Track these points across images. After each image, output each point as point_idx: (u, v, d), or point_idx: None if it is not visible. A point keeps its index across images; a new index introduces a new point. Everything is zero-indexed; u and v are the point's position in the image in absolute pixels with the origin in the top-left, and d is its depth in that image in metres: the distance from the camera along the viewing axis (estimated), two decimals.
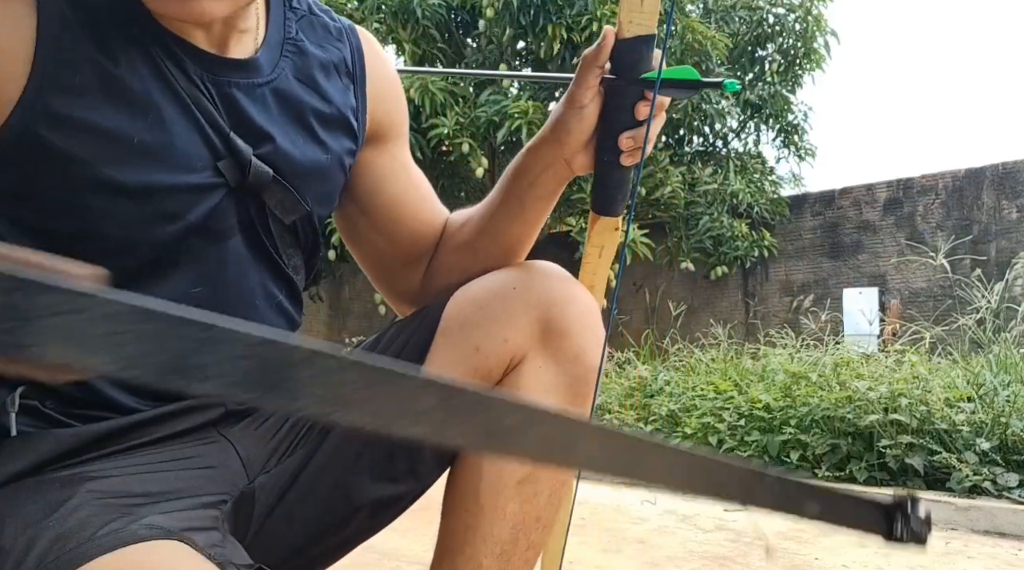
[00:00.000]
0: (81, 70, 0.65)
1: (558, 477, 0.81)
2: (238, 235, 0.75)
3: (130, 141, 0.67)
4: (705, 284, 7.47)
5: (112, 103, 0.66)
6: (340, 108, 0.82)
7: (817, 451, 3.13)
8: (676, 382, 4.37)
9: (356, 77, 0.85)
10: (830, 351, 4.10)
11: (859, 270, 6.89)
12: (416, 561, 2.17)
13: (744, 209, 7.06)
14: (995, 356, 3.57)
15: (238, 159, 0.72)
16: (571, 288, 0.82)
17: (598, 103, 0.81)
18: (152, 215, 0.69)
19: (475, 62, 6.95)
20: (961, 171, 6.51)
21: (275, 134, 0.75)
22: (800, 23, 7.50)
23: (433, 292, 0.91)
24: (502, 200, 0.87)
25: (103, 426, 0.70)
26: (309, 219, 0.80)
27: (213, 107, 0.71)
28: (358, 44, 0.86)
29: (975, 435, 2.87)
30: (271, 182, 0.75)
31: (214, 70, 0.72)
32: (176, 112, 0.69)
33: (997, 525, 2.55)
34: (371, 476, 0.79)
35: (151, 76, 0.69)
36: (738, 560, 2.25)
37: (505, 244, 0.88)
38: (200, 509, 0.68)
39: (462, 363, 0.79)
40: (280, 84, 0.77)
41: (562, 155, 0.83)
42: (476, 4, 6.68)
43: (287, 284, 0.81)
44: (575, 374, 0.80)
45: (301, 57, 0.79)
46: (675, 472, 0.38)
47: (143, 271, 0.70)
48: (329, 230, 6.45)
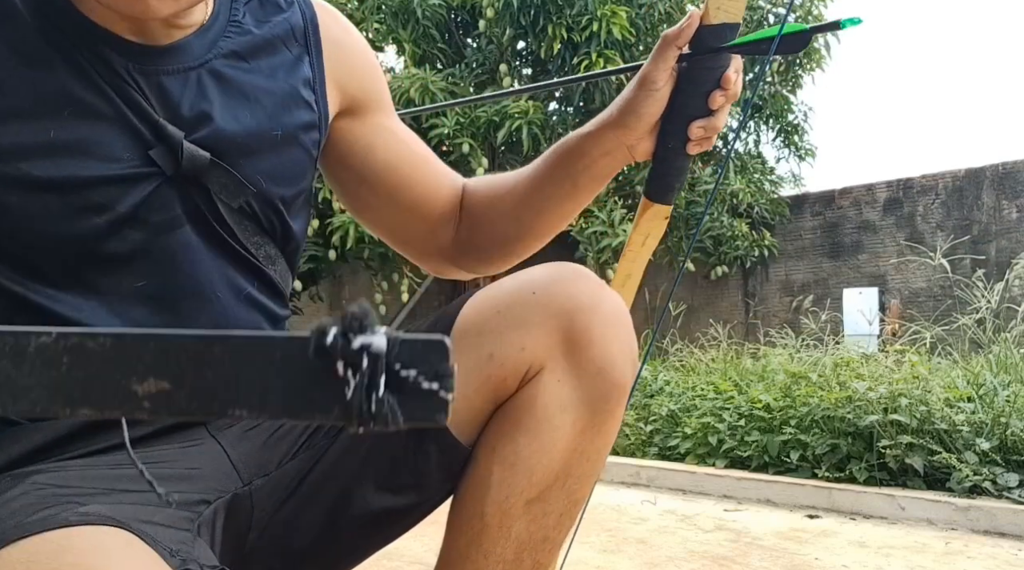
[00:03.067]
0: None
1: (571, 497, 0.76)
2: (186, 225, 0.72)
3: (46, 136, 0.66)
4: (705, 284, 7.47)
5: (27, 101, 0.66)
6: (289, 81, 0.80)
7: (817, 451, 3.13)
8: (676, 382, 4.37)
9: (310, 46, 0.83)
10: (830, 351, 4.10)
11: (859, 270, 6.89)
12: (416, 561, 2.17)
13: (744, 209, 7.06)
14: (995, 356, 3.57)
15: (169, 145, 0.70)
16: (598, 294, 0.74)
17: (670, 88, 0.80)
18: (75, 209, 0.68)
19: (475, 62, 6.94)
20: (961, 171, 6.51)
21: (214, 116, 0.73)
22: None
23: (474, 254, 0.94)
24: (551, 177, 0.87)
25: (80, 421, 0.69)
26: (266, 200, 0.77)
27: (141, 97, 0.70)
28: (312, 14, 0.84)
29: (975, 435, 2.87)
30: (210, 166, 0.72)
31: (141, 60, 0.71)
32: (97, 105, 0.69)
33: (997, 525, 2.55)
34: (375, 486, 0.76)
35: (69, 73, 0.68)
36: (738, 560, 2.25)
37: (550, 220, 0.89)
38: (166, 506, 0.65)
39: (475, 370, 0.74)
40: (216, 65, 0.75)
41: (626, 141, 0.82)
42: (476, 4, 6.67)
43: (257, 275, 0.78)
44: (597, 390, 0.73)
45: (243, 36, 0.77)
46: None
47: (80, 269, 0.69)
48: (329, 230, 6.45)
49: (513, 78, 6.88)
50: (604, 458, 0.78)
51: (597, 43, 6.10)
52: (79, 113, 0.68)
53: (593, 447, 0.75)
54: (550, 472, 0.74)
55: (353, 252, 6.47)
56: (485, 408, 0.75)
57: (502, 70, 6.71)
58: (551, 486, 0.74)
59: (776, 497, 3.07)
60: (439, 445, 0.75)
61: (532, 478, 0.74)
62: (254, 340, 0.29)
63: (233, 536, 0.73)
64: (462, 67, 6.96)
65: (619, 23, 6.06)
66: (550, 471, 0.74)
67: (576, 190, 0.87)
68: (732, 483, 3.22)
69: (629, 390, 0.76)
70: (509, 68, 6.79)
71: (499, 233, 0.92)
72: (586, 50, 6.18)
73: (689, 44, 0.79)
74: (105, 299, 0.70)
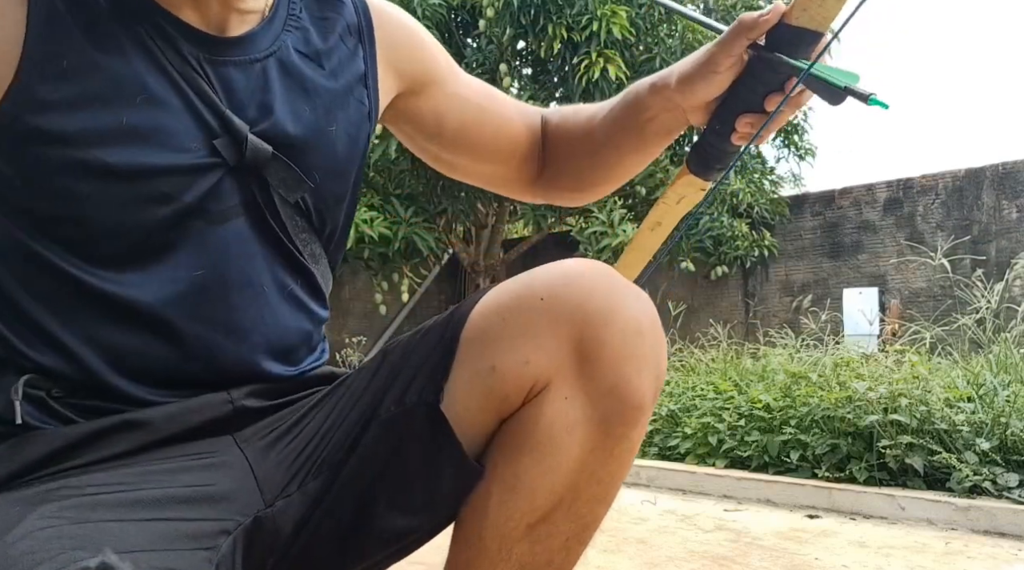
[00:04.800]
0: (68, 56, 0.66)
1: (580, 521, 0.71)
2: (241, 216, 0.72)
3: (118, 123, 0.66)
4: (705, 284, 7.47)
5: (100, 87, 0.66)
6: (346, 77, 0.81)
7: (817, 451, 3.12)
8: (676, 382, 4.36)
9: (364, 39, 0.84)
10: (830, 351, 4.10)
11: (859, 270, 6.89)
12: (417, 561, 2.17)
13: (744, 209, 7.06)
14: (995, 356, 3.56)
15: (234, 137, 0.71)
16: (616, 300, 0.67)
17: (733, 74, 0.77)
18: (142, 197, 0.68)
19: (475, 62, 6.93)
20: (961, 171, 6.51)
21: (276, 109, 0.74)
22: None
23: (561, 186, 0.99)
24: (622, 127, 0.89)
25: (104, 423, 0.68)
26: (320, 196, 0.76)
27: (208, 86, 0.70)
28: (364, 6, 0.85)
29: (975, 435, 2.87)
30: (272, 159, 0.73)
31: (209, 49, 0.71)
32: (168, 93, 0.69)
33: (997, 525, 2.55)
34: (387, 505, 0.72)
35: (141, 59, 0.68)
36: (738, 560, 2.25)
37: (625, 167, 0.93)
38: (186, 543, 0.62)
39: (476, 382, 0.69)
40: (281, 57, 0.76)
41: (681, 105, 0.82)
42: (476, 4, 6.67)
43: (302, 273, 0.78)
44: (610, 410, 0.66)
45: (303, 31, 0.78)
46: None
47: (138, 254, 0.69)
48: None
49: (513, 78, 6.87)
50: (619, 481, 0.72)
51: (597, 43, 6.09)
52: (151, 100, 0.68)
53: (605, 470, 0.70)
54: (554, 495, 0.69)
55: (353, 252, 6.47)
56: (491, 423, 0.71)
57: (502, 70, 6.70)
58: (556, 509, 0.70)
59: (776, 497, 3.07)
60: (453, 465, 0.70)
61: (534, 502, 0.69)
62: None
63: (255, 566, 0.69)
64: (462, 67, 6.95)
65: (619, 23, 6.06)
66: (554, 494, 0.69)
67: (644, 142, 0.89)
68: (732, 483, 3.22)
69: (648, 412, 0.68)
70: (509, 68, 6.78)
71: (580, 171, 0.96)
72: (586, 50, 6.17)
73: (765, 36, 0.75)
74: (161, 286, 0.70)
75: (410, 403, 0.71)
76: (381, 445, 0.71)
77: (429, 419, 0.70)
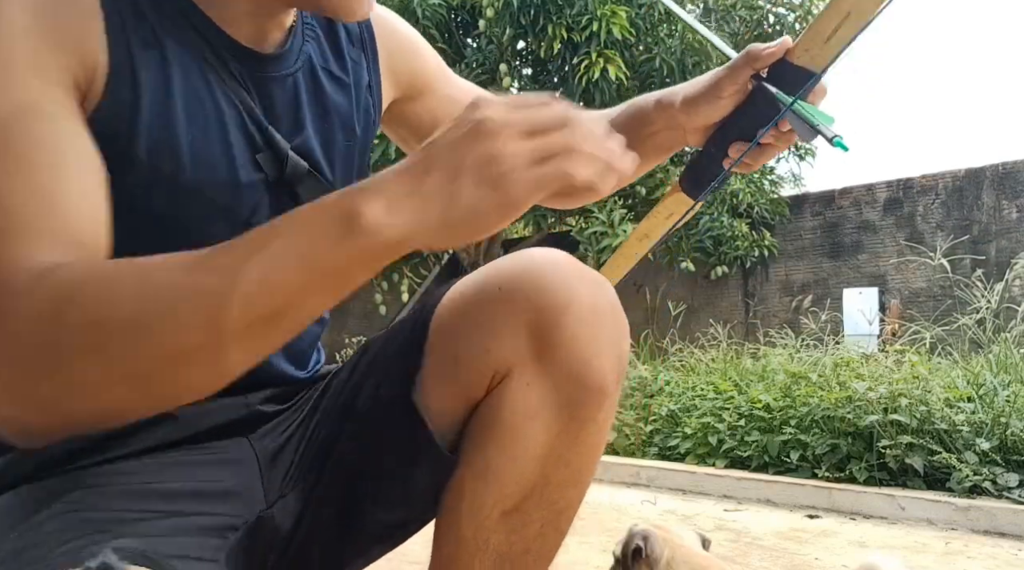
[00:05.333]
0: (138, 72, 0.65)
1: (552, 507, 0.72)
2: None
3: (185, 140, 0.67)
4: (705, 284, 7.47)
5: (167, 103, 0.66)
6: (357, 90, 0.82)
7: (817, 451, 3.12)
8: (676, 382, 4.36)
9: (367, 46, 0.85)
10: (830, 351, 4.10)
11: (859, 270, 6.89)
12: (416, 561, 2.17)
13: (744, 209, 7.06)
14: (995, 356, 3.56)
15: (276, 153, 0.72)
16: (572, 286, 0.68)
17: (735, 101, 0.81)
18: (208, 213, 0.68)
19: (475, 62, 6.94)
20: (961, 171, 6.51)
21: (307, 125, 0.75)
22: (800, 23, 7.49)
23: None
24: (624, 135, 0.90)
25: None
26: None
27: (254, 102, 0.71)
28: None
29: (975, 435, 2.87)
30: (306, 175, 0.74)
31: (253, 65, 0.72)
32: (224, 108, 0.69)
33: (997, 525, 2.55)
34: (372, 500, 0.75)
35: (199, 75, 0.69)
36: (738, 560, 2.25)
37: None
38: (199, 535, 0.63)
39: (444, 372, 0.71)
40: (306, 70, 0.77)
41: (684, 125, 0.84)
42: (476, 4, 6.68)
43: None
44: (571, 394, 0.68)
45: (317, 42, 0.79)
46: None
47: None
48: None
49: (513, 78, 6.87)
50: (590, 466, 0.73)
51: (597, 43, 6.10)
52: (210, 115, 0.68)
53: (573, 454, 0.71)
54: (524, 482, 0.70)
55: None
56: (461, 413, 0.72)
57: (502, 70, 6.71)
58: (527, 497, 0.70)
59: (776, 497, 3.07)
60: (427, 455, 0.72)
61: (504, 489, 0.70)
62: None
63: (257, 562, 0.71)
64: (462, 67, 6.96)
65: (619, 23, 6.06)
66: (524, 481, 0.70)
67: (642, 155, 0.88)
68: (732, 483, 3.22)
69: (612, 394, 0.69)
70: (509, 68, 6.79)
71: None
72: (586, 50, 6.18)
73: (768, 70, 0.78)
74: None
75: (384, 396, 0.73)
76: (360, 439, 0.74)
77: (402, 410, 0.72)
